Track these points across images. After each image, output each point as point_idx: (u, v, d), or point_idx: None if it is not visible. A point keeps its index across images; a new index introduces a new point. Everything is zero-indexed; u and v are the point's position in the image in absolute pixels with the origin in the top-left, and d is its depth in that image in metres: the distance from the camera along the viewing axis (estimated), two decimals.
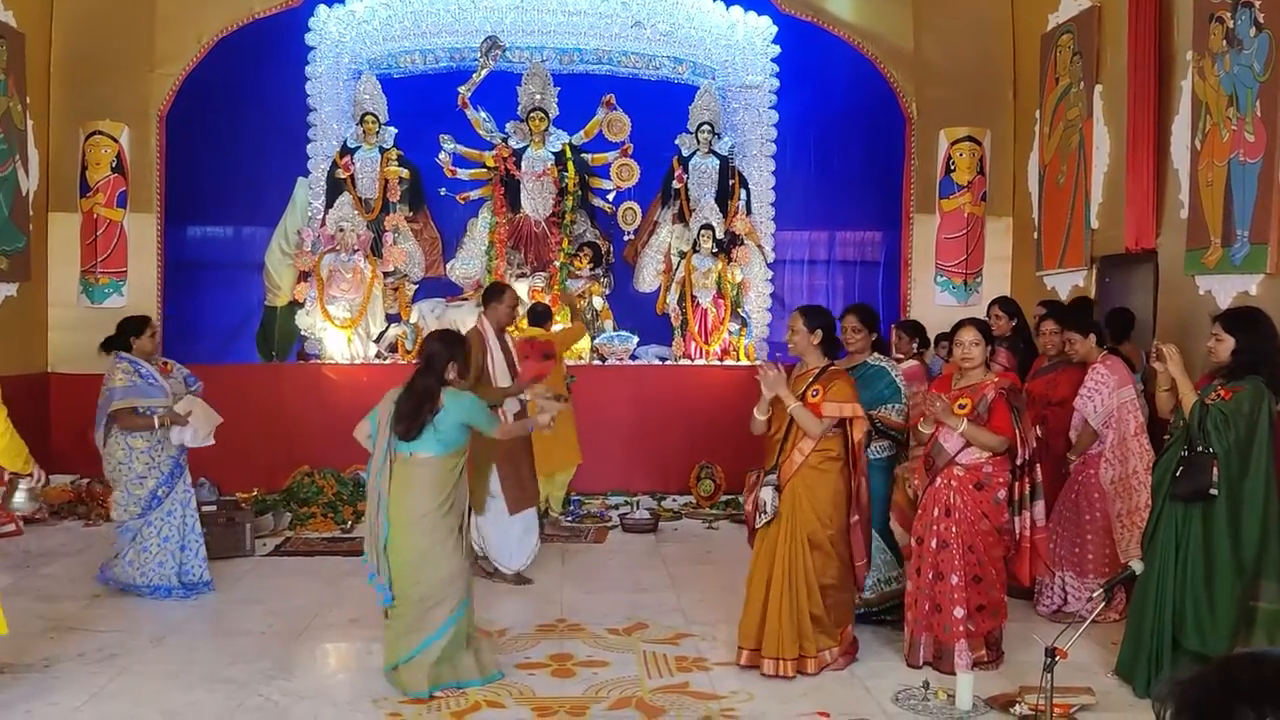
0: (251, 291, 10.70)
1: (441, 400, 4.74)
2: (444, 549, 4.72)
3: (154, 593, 6.32)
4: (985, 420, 5.00)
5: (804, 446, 4.99)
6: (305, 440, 9.25)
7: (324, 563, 7.42)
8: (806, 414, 4.96)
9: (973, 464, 5.04)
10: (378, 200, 10.38)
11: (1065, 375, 6.23)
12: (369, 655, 5.51)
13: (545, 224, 10.32)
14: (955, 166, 9.98)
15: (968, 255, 10.00)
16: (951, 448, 5.06)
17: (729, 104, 10.73)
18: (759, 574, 5.06)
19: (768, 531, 5.04)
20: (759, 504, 5.04)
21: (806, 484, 4.99)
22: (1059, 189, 8.77)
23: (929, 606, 5.12)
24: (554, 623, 5.94)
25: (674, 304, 10.32)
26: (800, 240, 11.17)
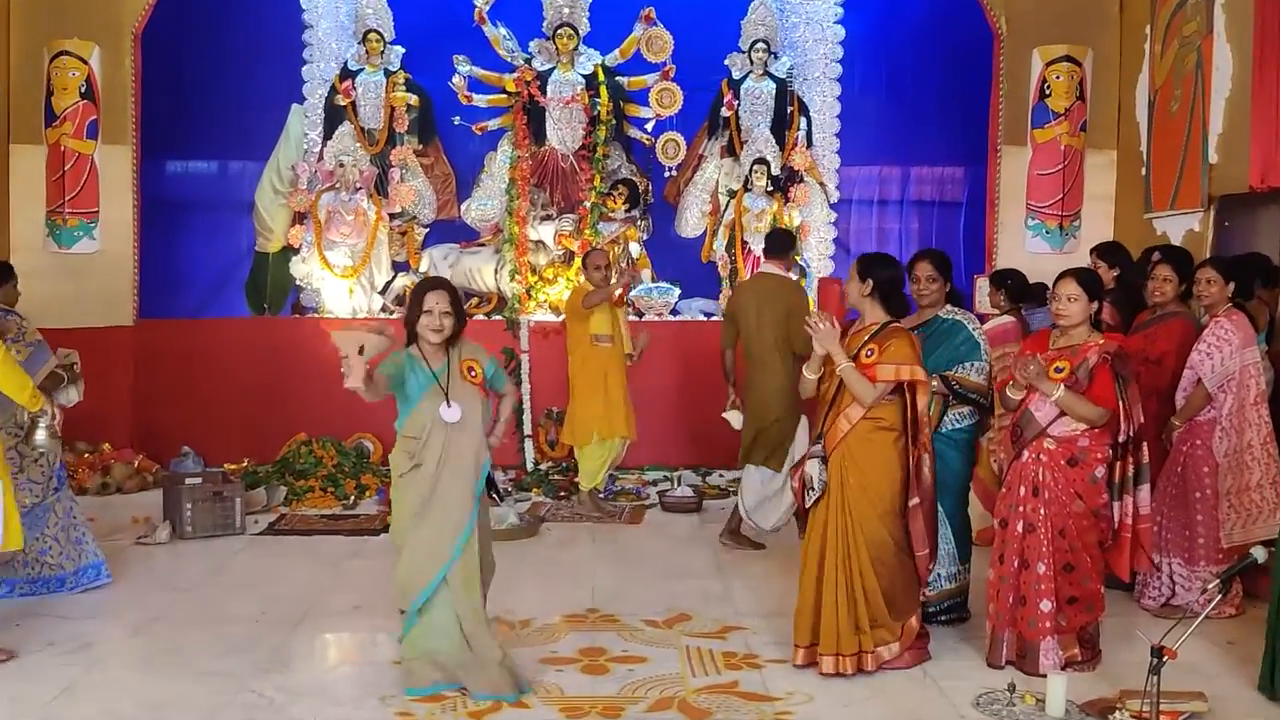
0: (240, 235, 10.76)
1: None
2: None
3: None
4: (1085, 388, 4.95)
5: (852, 414, 4.98)
6: (301, 405, 9.34)
7: (323, 543, 7.50)
8: (858, 376, 4.94)
9: (1066, 436, 5.00)
10: (383, 131, 10.38)
11: (1165, 329, 6.15)
12: (374, 646, 5.59)
13: (574, 158, 10.28)
14: (1050, 91, 9.83)
15: (1064, 194, 9.87)
16: (1043, 417, 5.02)
17: (787, 18, 10.62)
18: (810, 559, 5.07)
19: (816, 510, 5.05)
20: (805, 479, 5.05)
21: (853, 456, 4.99)
22: (1171, 118, 8.64)
23: (1013, 598, 5.11)
24: (584, 613, 5.97)
25: (722, 251, 10.28)
26: (869, 177, 11.06)
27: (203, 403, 9.48)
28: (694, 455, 9.47)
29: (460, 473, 4.73)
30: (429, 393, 4.71)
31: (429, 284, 4.81)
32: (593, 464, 8.27)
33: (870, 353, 4.98)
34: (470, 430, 4.74)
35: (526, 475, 9.20)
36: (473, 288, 10.13)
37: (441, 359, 4.75)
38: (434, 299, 4.67)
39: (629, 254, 10.29)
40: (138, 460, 9.13)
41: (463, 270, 10.14)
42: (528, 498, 8.78)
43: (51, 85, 9.66)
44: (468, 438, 4.72)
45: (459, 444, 4.70)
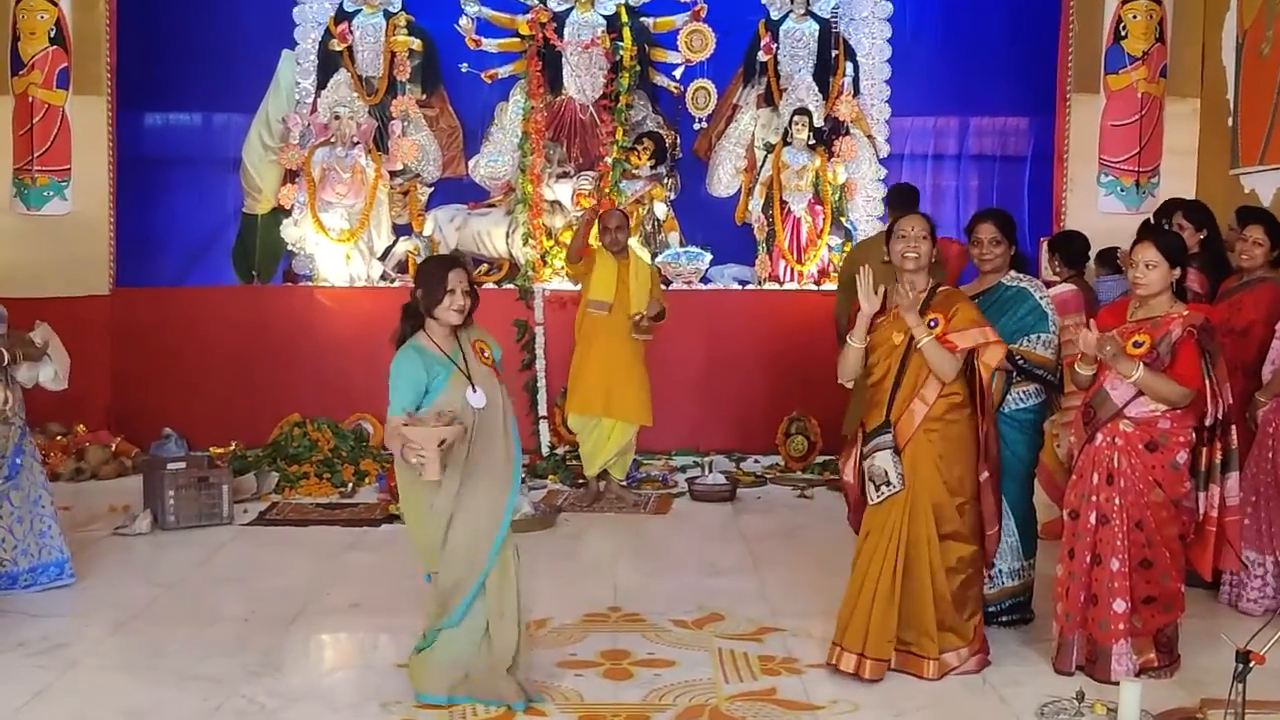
0: (226, 196, 10.79)
1: None
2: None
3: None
4: (1167, 364, 4.90)
5: (928, 394, 4.95)
6: (295, 383, 9.38)
7: (319, 534, 7.54)
8: (940, 350, 4.91)
9: (1145, 418, 4.96)
10: (383, 79, 10.38)
11: (1252, 296, 6.09)
12: (375, 649, 5.62)
13: (594, 109, 10.27)
14: (1126, 33, 9.73)
15: (1141, 148, 9.78)
16: (1120, 397, 4.97)
17: None
18: (872, 559, 5.03)
19: (880, 507, 5.02)
20: (873, 473, 5.01)
21: (930, 442, 4.96)
22: (1263, 61, 8.53)
23: (1083, 597, 5.08)
24: (606, 612, 5.98)
25: (758, 212, 10.26)
26: (922, 129, 11.00)
27: (186, 380, 9.52)
28: (727, 439, 9.47)
29: (492, 465, 4.68)
30: (450, 380, 4.64)
31: (445, 262, 4.80)
32: (586, 446, 8.25)
33: (934, 323, 4.95)
34: (495, 416, 4.71)
35: (541, 461, 9.21)
36: (482, 253, 10.15)
37: (451, 342, 4.72)
38: (457, 278, 4.62)
39: (654, 215, 10.27)
40: (115, 443, 9.18)
41: (471, 234, 10.14)
42: (543, 485, 8.79)
43: (18, 30, 9.64)
44: (494, 424, 4.69)
45: (486, 432, 4.66)
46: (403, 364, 4.61)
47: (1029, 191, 10.73)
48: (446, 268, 4.65)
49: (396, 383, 4.58)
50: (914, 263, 5.07)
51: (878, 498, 5.02)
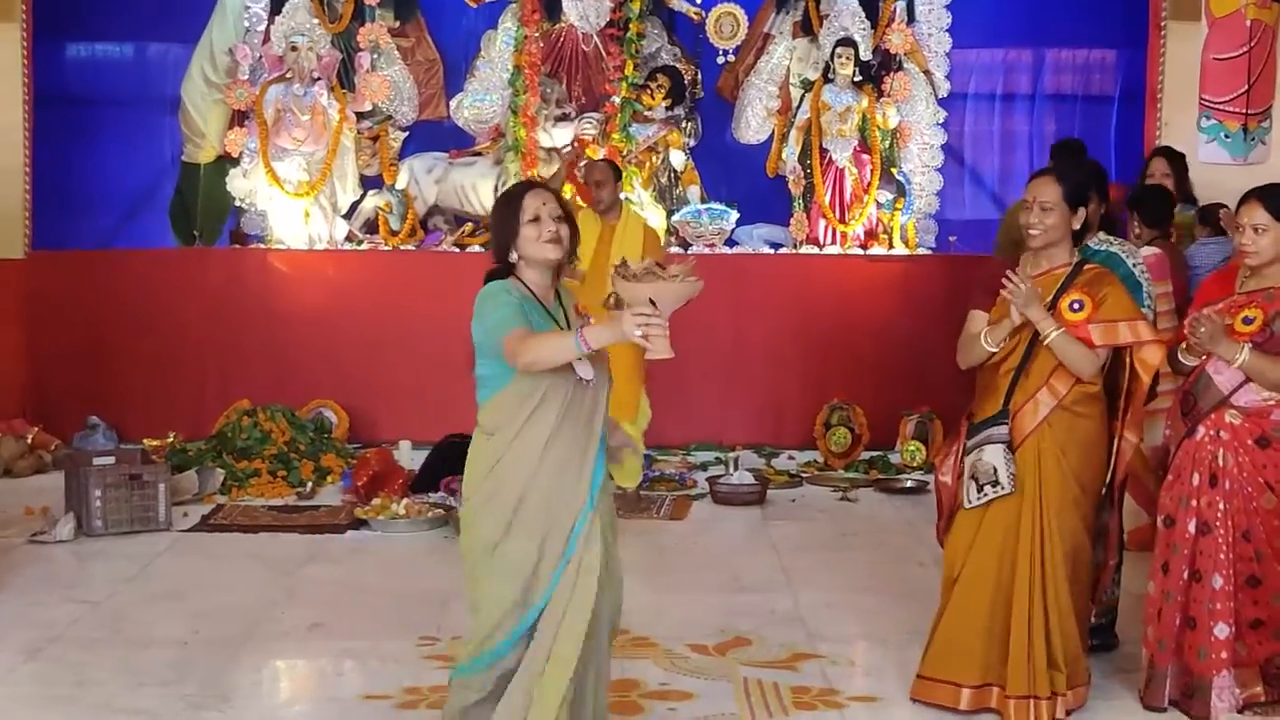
0: (163, 142, 10.78)
1: None
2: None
3: None
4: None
5: (1058, 385, 4.89)
6: (244, 364, 9.39)
7: (272, 542, 7.53)
8: (1075, 345, 4.84)
9: (1257, 408, 4.93)
10: (348, 3, 10.35)
11: None
12: (338, 678, 5.61)
13: (599, 39, 10.24)
14: None
15: (1251, 86, 9.71)
16: (1225, 383, 4.94)
17: None
18: (983, 576, 4.97)
19: (988, 512, 4.97)
20: (977, 471, 4.93)
21: (1056, 438, 4.92)
22: None
23: (1179, 620, 5.06)
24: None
25: (794, 162, 10.23)
26: (990, 63, 10.98)
27: (116, 360, 9.52)
28: (755, 431, 9.47)
29: (577, 452, 4.14)
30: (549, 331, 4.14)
31: (522, 186, 4.32)
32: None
33: (1078, 305, 4.88)
34: (595, 401, 4.21)
35: None
36: (466, 210, 10.14)
37: (551, 295, 4.27)
38: (537, 200, 4.15)
39: (670, 165, 10.24)
40: (32, 435, 9.19)
41: (453, 187, 10.14)
42: None
43: None
44: (592, 404, 4.20)
45: (581, 413, 4.16)
46: (492, 295, 4.10)
47: (1116, 138, 10.69)
48: (522, 191, 4.23)
49: (492, 309, 4.05)
50: (1039, 238, 4.99)
51: (978, 499, 4.96)
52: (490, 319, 4.02)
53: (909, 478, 8.94)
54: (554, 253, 4.13)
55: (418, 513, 7.78)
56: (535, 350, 3.88)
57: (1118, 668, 5.53)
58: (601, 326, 3.85)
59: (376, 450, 8.71)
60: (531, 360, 3.90)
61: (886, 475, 9.03)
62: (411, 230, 10.09)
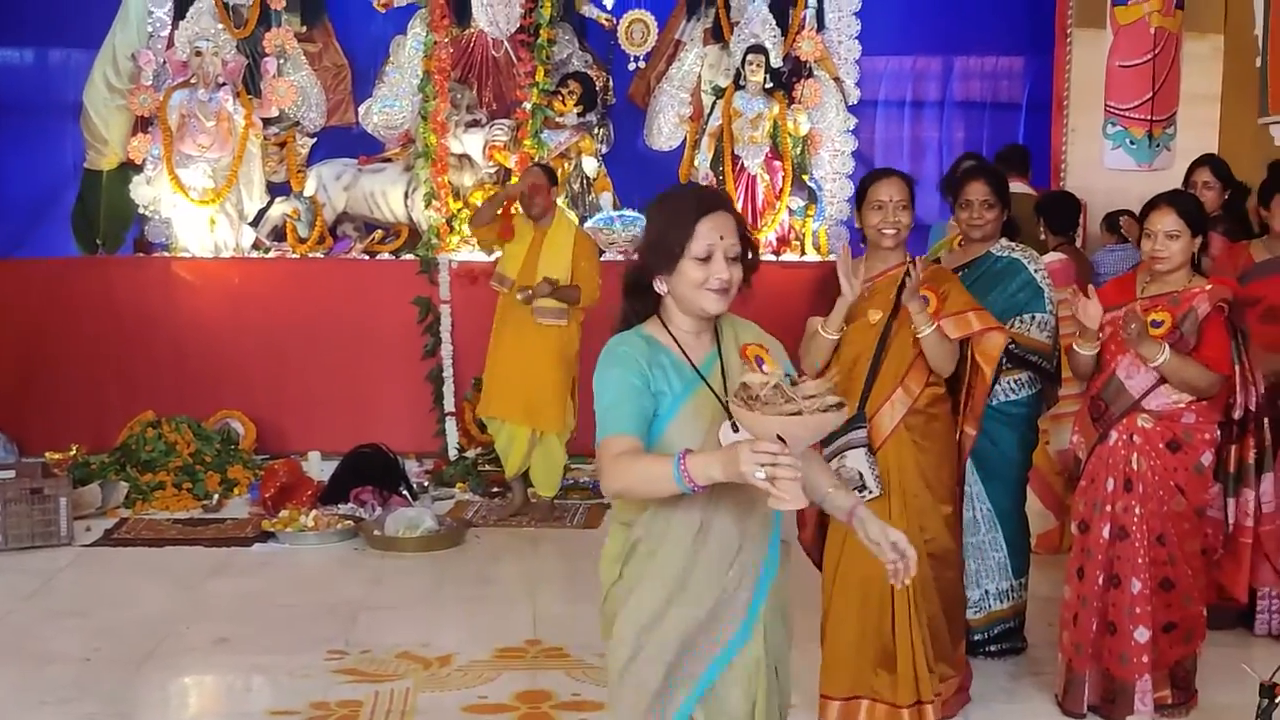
0: (64, 149, 10.65)
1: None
2: None
3: None
4: (1192, 346, 4.92)
5: (912, 385, 4.90)
6: (148, 374, 9.26)
7: (178, 556, 7.43)
8: (944, 341, 4.85)
9: (1168, 411, 4.97)
10: (253, 8, 10.27)
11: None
12: (247, 693, 5.56)
13: (509, 45, 10.22)
14: None
15: (1155, 93, 9.86)
16: (1137, 387, 4.98)
17: None
18: (856, 586, 4.95)
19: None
20: (846, 479, 4.93)
21: (912, 440, 4.93)
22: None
23: (1097, 625, 5.09)
24: (523, 645, 5.94)
25: (706, 169, 10.25)
26: (899, 71, 11.09)
27: (15, 372, 9.37)
28: None
29: (733, 548, 3.24)
30: (690, 401, 3.19)
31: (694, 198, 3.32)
32: (499, 443, 8.18)
33: (924, 300, 4.88)
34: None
35: (448, 466, 9.14)
36: (375, 216, 10.09)
37: (705, 342, 3.28)
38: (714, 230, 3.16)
39: (582, 172, 10.23)
40: None
41: (362, 194, 10.08)
42: (450, 495, 8.73)
43: None
44: (752, 502, 3.16)
45: (740, 497, 3.15)
46: (615, 359, 3.19)
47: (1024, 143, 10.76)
48: (696, 208, 3.19)
49: (606, 387, 3.17)
50: (892, 239, 4.98)
51: None
52: (603, 396, 3.16)
53: None
54: (717, 306, 3.17)
55: (327, 524, 7.70)
56: (624, 477, 3.02)
57: (1029, 670, 5.58)
58: (712, 459, 2.86)
59: (285, 461, 8.61)
60: (619, 490, 3.08)
61: None
62: (320, 237, 10.02)
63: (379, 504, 7.98)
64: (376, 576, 7.03)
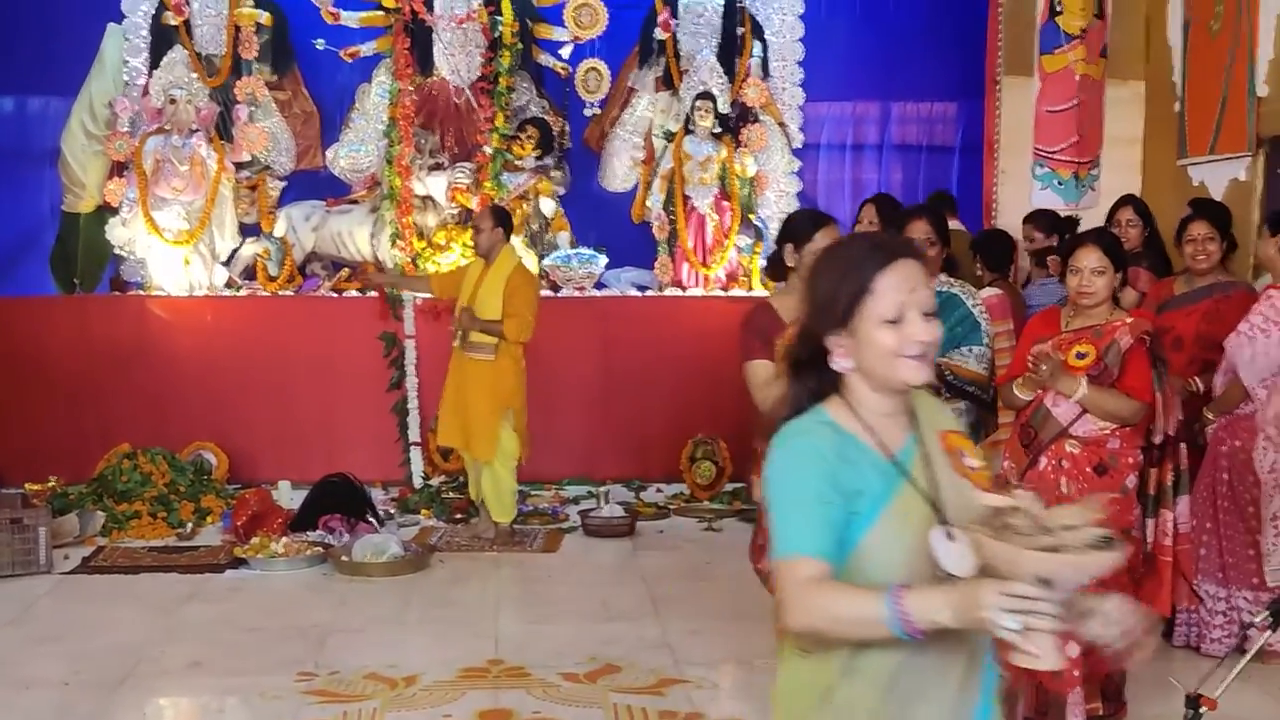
0: (42, 192, 10.57)
1: None
2: None
3: None
4: (1114, 377, 4.95)
5: None
6: (124, 408, 9.19)
7: (153, 582, 7.38)
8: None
9: (1094, 437, 5.00)
10: (226, 58, 10.24)
11: (1229, 302, 6.18)
12: (220, 714, 5.52)
13: (470, 92, 10.21)
14: (1063, 8, 9.88)
15: (1080, 137, 9.94)
16: (1064, 415, 5.01)
17: None
18: None
19: None
20: None
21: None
22: (1211, 40, 8.72)
23: None
24: (485, 665, 5.92)
25: (658, 208, 10.26)
26: (840, 116, 11.12)
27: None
28: (624, 466, 9.45)
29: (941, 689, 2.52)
30: (894, 504, 2.49)
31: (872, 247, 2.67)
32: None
33: None
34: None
35: (412, 494, 9.11)
36: (342, 255, 10.06)
37: (903, 426, 2.62)
38: (905, 282, 2.58)
39: (540, 213, 10.23)
40: None
41: (330, 234, 10.05)
42: (415, 522, 8.70)
43: None
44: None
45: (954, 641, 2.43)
46: (792, 455, 2.52)
47: (958, 185, 10.83)
48: (875, 260, 2.55)
49: (782, 491, 2.51)
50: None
51: None
52: (779, 504, 2.50)
53: None
54: (919, 375, 2.56)
55: (296, 551, 7.66)
56: (816, 615, 2.38)
57: None
58: (938, 599, 2.25)
59: (256, 490, 8.56)
60: (808, 628, 2.42)
61: (749, 505, 9.04)
62: (290, 276, 9.98)
63: (347, 531, 7.94)
64: (344, 600, 7.00)
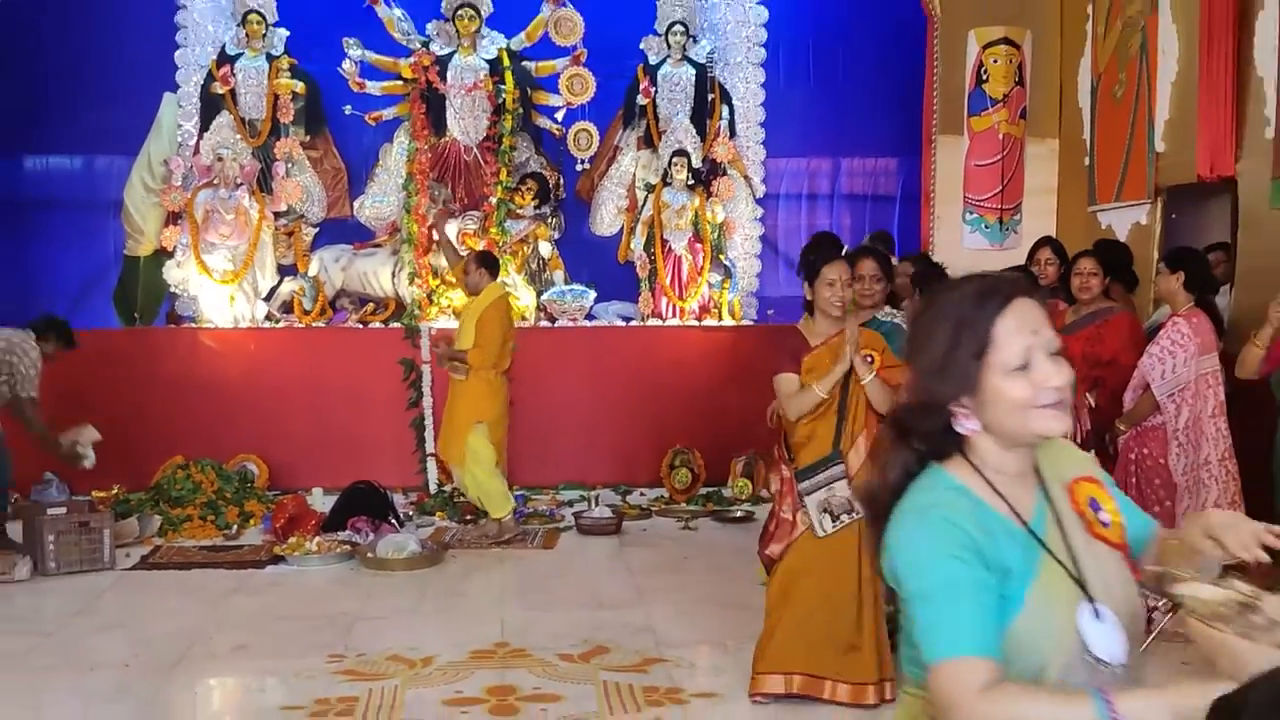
0: (107, 238, 10.56)
1: None
2: None
3: None
4: None
5: (871, 426, 4.94)
6: (177, 424, 9.16)
7: (203, 577, 7.35)
8: (883, 386, 4.91)
9: None
10: (266, 121, 10.26)
11: (1111, 325, 6.22)
12: (261, 692, 5.49)
13: (478, 150, 10.24)
14: (988, 76, 9.95)
15: (1004, 187, 10.00)
16: None
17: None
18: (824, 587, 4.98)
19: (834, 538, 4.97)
20: (831, 505, 4.90)
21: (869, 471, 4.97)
22: (1116, 104, 8.78)
23: None
24: (492, 648, 5.91)
25: (640, 250, 10.29)
26: (797, 170, 11.15)
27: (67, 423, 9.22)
28: (612, 472, 9.45)
29: None
30: (1041, 578, 1.99)
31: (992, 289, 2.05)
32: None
33: (870, 358, 4.95)
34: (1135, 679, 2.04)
35: (429, 499, 9.11)
36: (368, 293, 10.07)
37: (1031, 485, 2.10)
38: (1027, 323, 2.01)
39: (539, 254, 10.26)
40: None
41: (356, 274, 10.06)
42: (431, 523, 8.69)
43: None
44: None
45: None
46: (931, 533, 1.97)
47: (899, 229, 10.88)
48: (989, 303, 2.02)
49: (925, 579, 1.96)
50: (839, 309, 5.03)
51: (834, 528, 4.95)
52: (924, 592, 1.96)
53: (739, 508, 8.97)
54: (1060, 424, 1.98)
55: (328, 549, 7.65)
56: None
57: None
58: (1153, 698, 1.78)
59: (293, 496, 8.56)
60: None
61: (720, 507, 9.08)
62: (321, 310, 9.98)
63: (371, 531, 7.94)
64: (370, 592, 6.99)
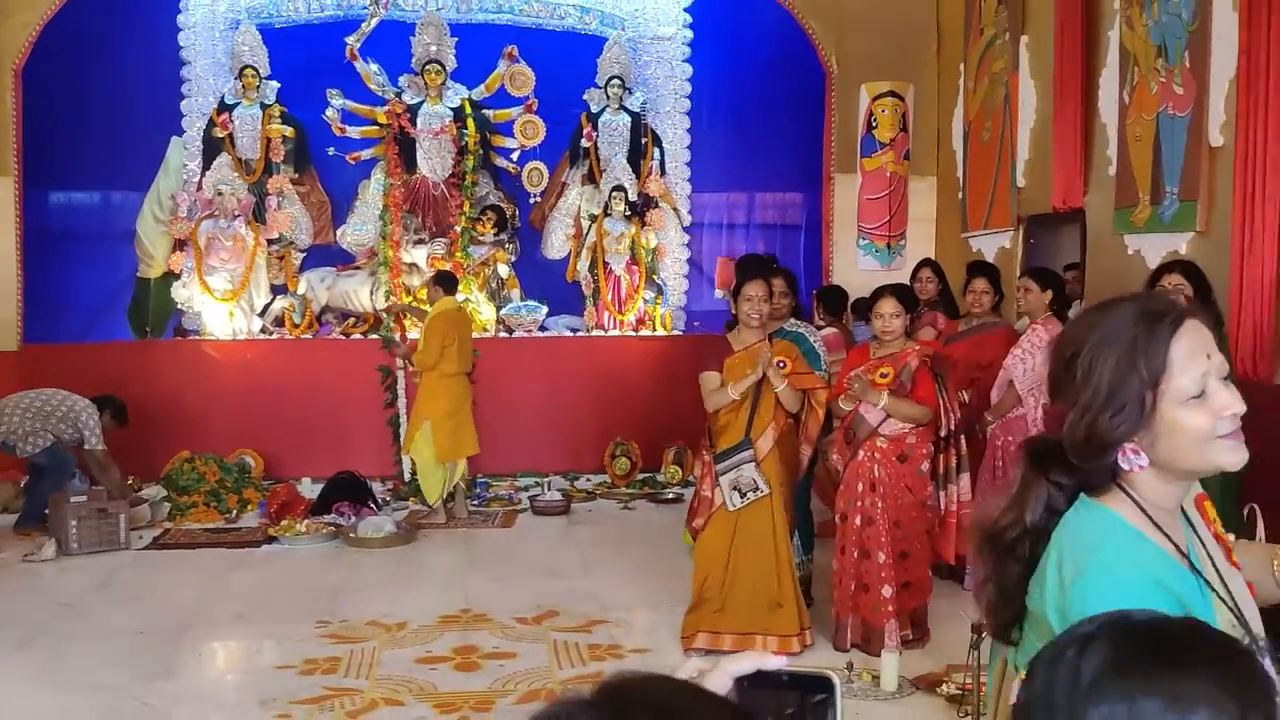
0: (122, 262, 10.40)
1: None
2: None
3: None
4: (909, 390, 5.07)
5: (780, 420, 5.12)
6: (184, 423, 9.05)
7: (206, 555, 7.28)
8: (793, 390, 5.11)
9: (896, 435, 5.11)
10: (259, 161, 10.15)
11: (992, 336, 6.34)
12: (258, 654, 5.45)
13: (444, 186, 10.19)
14: (877, 123, 10.06)
15: (891, 217, 10.11)
16: (873, 419, 5.12)
17: (640, 56, 10.68)
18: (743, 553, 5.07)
19: (746, 510, 5.05)
20: (740, 483, 5.03)
21: (779, 455, 5.12)
22: (984, 146, 8.90)
23: (854, 586, 5.18)
24: (458, 613, 5.90)
25: (585, 271, 10.28)
26: (718, 202, 11.17)
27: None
28: (562, 461, 9.43)
29: None
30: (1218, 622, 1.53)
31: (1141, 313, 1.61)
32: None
33: (783, 364, 5.10)
34: None
35: (403, 486, 9.05)
36: (349, 308, 9.99)
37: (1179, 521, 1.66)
38: (1200, 349, 1.57)
39: (498, 275, 10.23)
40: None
41: (339, 292, 9.98)
42: (405, 507, 8.63)
43: None
44: None
45: None
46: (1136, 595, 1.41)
47: (804, 253, 10.95)
48: (1158, 327, 1.58)
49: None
50: (757, 322, 5.19)
51: (742, 503, 5.04)
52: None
53: (670, 491, 8.99)
54: (1240, 457, 1.57)
55: (315, 530, 7.59)
56: None
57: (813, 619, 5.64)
58: None
59: (284, 485, 8.47)
60: None
61: (654, 490, 9.09)
62: (309, 324, 9.88)
63: (353, 514, 7.88)
64: (351, 567, 6.94)
